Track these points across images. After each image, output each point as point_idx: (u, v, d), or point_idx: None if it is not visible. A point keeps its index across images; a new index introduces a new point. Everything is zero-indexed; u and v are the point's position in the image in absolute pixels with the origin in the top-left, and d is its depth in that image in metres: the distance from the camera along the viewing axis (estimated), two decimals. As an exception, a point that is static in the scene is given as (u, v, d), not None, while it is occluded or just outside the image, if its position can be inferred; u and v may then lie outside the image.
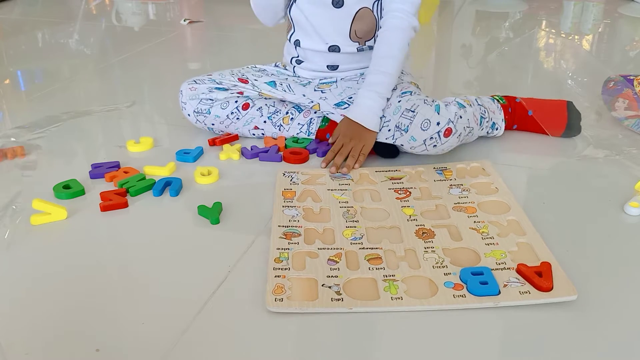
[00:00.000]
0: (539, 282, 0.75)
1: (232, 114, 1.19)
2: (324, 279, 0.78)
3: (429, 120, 1.03)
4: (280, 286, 0.76)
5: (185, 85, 1.21)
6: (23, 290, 0.79)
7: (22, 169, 1.12)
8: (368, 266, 0.80)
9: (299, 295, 0.75)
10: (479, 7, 2.65)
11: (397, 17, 1.09)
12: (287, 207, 0.95)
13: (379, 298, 0.74)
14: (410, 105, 1.04)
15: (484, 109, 1.15)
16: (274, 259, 0.82)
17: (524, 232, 0.88)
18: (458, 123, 1.05)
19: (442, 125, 1.03)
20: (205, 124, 1.21)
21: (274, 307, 0.72)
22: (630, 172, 1.08)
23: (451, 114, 1.04)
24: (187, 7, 2.67)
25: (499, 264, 0.80)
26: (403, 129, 1.04)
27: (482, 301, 0.73)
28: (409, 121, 1.03)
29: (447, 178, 1.05)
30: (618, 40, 2.21)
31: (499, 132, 1.19)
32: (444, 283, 0.77)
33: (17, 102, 1.47)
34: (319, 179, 1.05)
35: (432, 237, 0.87)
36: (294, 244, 0.85)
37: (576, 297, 0.73)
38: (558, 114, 1.21)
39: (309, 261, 0.81)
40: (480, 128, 1.14)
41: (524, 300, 0.73)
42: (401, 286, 0.76)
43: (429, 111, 1.03)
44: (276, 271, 0.79)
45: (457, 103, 1.08)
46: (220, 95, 1.19)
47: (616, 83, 1.35)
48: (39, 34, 2.22)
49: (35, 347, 0.68)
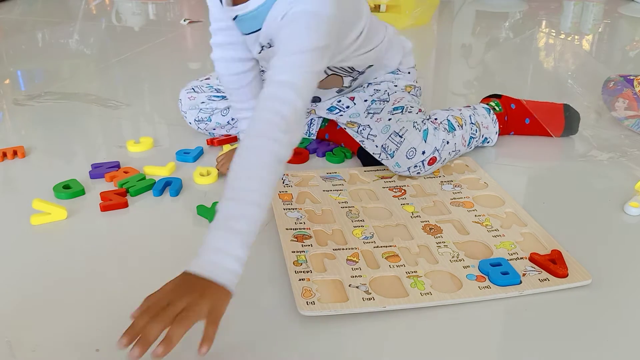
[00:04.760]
0: (555, 269, 0.78)
1: (233, 119, 1.17)
2: (349, 280, 0.77)
3: (415, 149, 1.01)
4: (307, 289, 0.75)
5: (184, 94, 1.21)
6: (24, 290, 0.79)
7: (22, 169, 1.12)
8: (388, 264, 0.80)
9: (328, 297, 0.74)
10: (479, 7, 2.65)
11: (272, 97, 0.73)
12: (288, 209, 0.95)
13: (408, 295, 0.74)
14: (399, 129, 1.02)
15: (476, 127, 1.12)
16: (293, 262, 0.80)
17: (525, 223, 0.91)
18: (443, 150, 1.04)
19: (427, 155, 1.02)
20: (206, 130, 1.21)
21: (307, 311, 0.71)
22: (631, 172, 1.08)
23: (438, 142, 1.02)
24: (187, 7, 2.67)
25: (512, 254, 0.83)
26: (389, 153, 1.03)
27: (506, 291, 0.75)
28: (395, 147, 1.02)
29: (435, 175, 1.06)
30: (618, 40, 2.21)
31: (490, 143, 1.18)
32: (466, 276, 0.78)
33: (17, 102, 1.47)
34: (310, 180, 1.05)
35: (440, 233, 0.88)
36: (308, 246, 0.85)
37: (591, 281, 0.77)
38: (555, 117, 1.21)
39: (328, 262, 0.81)
40: (469, 148, 1.12)
41: (545, 287, 0.76)
42: (426, 281, 0.77)
43: (416, 138, 1.01)
44: (299, 274, 0.78)
45: (448, 124, 1.06)
46: (220, 104, 1.19)
47: (616, 83, 1.35)
48: (39, 34, 2.22)
49: (41, 344, 0.68)
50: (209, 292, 0.62)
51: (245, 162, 0.70)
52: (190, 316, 0.60)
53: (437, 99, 1.56)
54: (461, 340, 0.69)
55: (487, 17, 2.55)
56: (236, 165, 0.69)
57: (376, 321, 0.72)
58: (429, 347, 0.68)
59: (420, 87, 1.16)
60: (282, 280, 0.79)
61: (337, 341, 0.69)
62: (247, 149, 0.71)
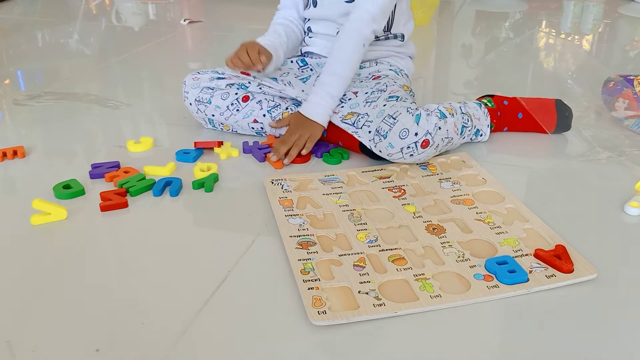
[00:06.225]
0: (561, 265, 0.78)
1: (232, 105, 1.20)
2: (358, 286, 0.77)
3: (408, 129, 1.03)
4: (317, 298, 0.74)
5: (189, 76, 1.25)
6: (24, 290, 0.79)
7: (22, 169, 1.12)
8: (395, 267, 0.80)
9: (339, 305, 0.73)
10: (479, 7, 2.65)
11: (358, 18, 1.12)
12: (290, 215, 0.94)
13: (419, 299, 0.74)
14: (393, 112, 1.05)
15: (468, 117, 1.14)
16: (300, 271, 0.79)
17: (526, 219, 0.91)
18: (436, 135, 1.05)
19: (419, 137, 1.03)
20: (205, 114, 1.22)
21: (319, 321, 0.70)
22: (631, 172, 1.08)
23: (430, 126, 1.04)
24: (187, 7, 2.67)
25: (516, 251, 0.83)
26: (382, 134, 1.05)
27: (515, 289, 0.75)
28: (388, 127, 1.04)
29: (433, 173, 1.06)
30: (618, 40, 2.21)
31: (483, 137, 1.19)
32: (473, 275, 0.78)
33: (17, 102, 1.47)
34: (309, 184, 1.04)
35: (443, 232, 0.88)
36: (313, 253, 0.84)
37: (596, 276, 0.78)
38: (547, 112, 1.22)
39: (335, 269, 0.80)
40: (462, 137, 1.14)
41: (552, 283, 0.76)
42: (434, 284, 0.77)
43: (409, 120, 1.04)
44: (307, 283, 0.77)
45: (439, 112, 1.08)
46: (221, 83, 1.21)
47: (616, 83, 1.35)
48: (39, 34, 2.22)
49: (40, 344, 0.68)
50: (311, 127, 1.12)
51: (338, 47, 1.14)
52: (299, 143, 1.11)
53: (437, 99, 1.56)
54: (474, 340, 0.69)
55: (487, 17, 2.55)
56: (334, 50, 1.14)
57: (388, 326, 0.71)
58: (442, 350, 0.68)
59: (414, 92, 1.22)
60: (288, 283, 0.78)
61: (349, 349, 0.69)
62: (341, 39, 1.14)
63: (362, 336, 0.70)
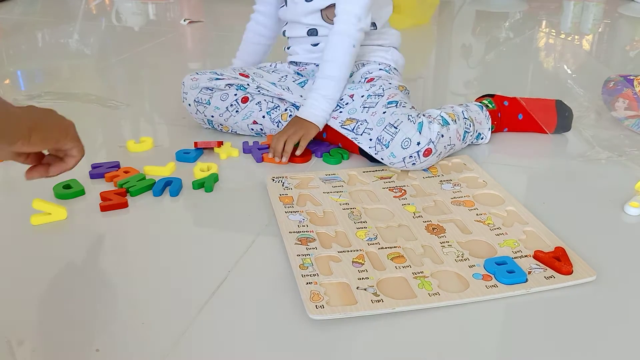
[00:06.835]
0: (560, 267, 0.78)
1: (232, 106, 1.20)
2: (356, 282, 0.77)
3: (410, 139, 1.03)
4: (315, 293, 0.74)
5: (188, 77, 1.24)
6: (24, 290, 0.78)
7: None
8: (394, 265, 0.80)
9: (337, 300, 0.73)
10: (479, 7, 2.65)
11: (343, 20, 1.12)
12: (290, 212, 0.94)
13: (417, 296, 0.74)
14: (394, 121, 1.04)
15: (470, 122, 1.14)
16: (299, 266, 0.80)
17: (526, 221, 0.91)
18: (439, 143, 1.05)
19: (422, 146, 1.03)
20: (205, 115, 1.22)
21: (317, 315, 0.70)
22: (631, 172, 1.08)
23: (433, 134, 1.04)
24: (187, 7, 2.67)
25: (516, 252, 0.83)
26: (384, 143, 1.04)
27: (513, 289, 0.75)
28: (390, 137, 1.04)
29: (434, 174, 1.06)
30: (618, 40, 2.21)
31: (484, 140, 1.19)
32: (472, 275, 0.78)
33: (17, 102, 1.47)
34: (310, 182, 1.04)
35: (443, 232, 0.88)
36: (312, 249, 0.84)
37: (595, 277, 0.78)
38: (547, 112, 1.22)
39: (334, 265, 0.80)
40: (464, 143, 1.14)
41: (551, 285, 0.76)
42: (433, 282, 0.77)
43: (411, 130, 1.03)
44: (306, 278, 0.77)
45: (442, 119, 1.07)
46: (220, 83, 1.21)
47: (616, 83, 1.35)
48: (39, 34, 2.22)
49: (40, 344, 0.69)
50: (306, 126, 1.12)
51: (328, 51, 1.13)
52: (294, 138, 1.10)
53: (437, 99, 1.57)
54: (471, 339, 0.69)
55: (487, 17, 2.55)
56: (324, 54, 1.14)
57: (385, 322, 0.71)
58: (440, 347, 0.68)
59: (409, 90, 1.21)
60: (288, 283, 0.78)
61: (347, 344, 0.69)
62: (330, 43, 1.13)
63: (360, 333, 0.70)
